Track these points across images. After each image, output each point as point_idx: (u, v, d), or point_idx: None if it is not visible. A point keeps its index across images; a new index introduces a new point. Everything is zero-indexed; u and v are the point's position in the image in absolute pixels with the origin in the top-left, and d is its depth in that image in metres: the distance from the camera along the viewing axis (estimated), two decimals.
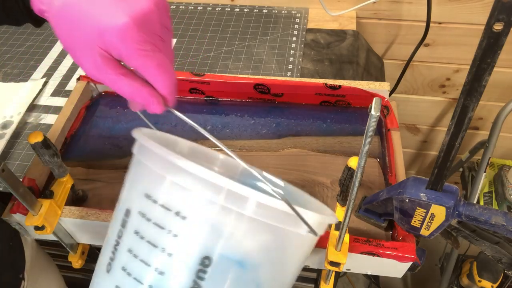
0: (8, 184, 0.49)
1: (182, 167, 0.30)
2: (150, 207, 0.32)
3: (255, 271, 0.32)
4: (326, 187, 0.65)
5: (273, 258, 0.33)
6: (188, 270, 0.31)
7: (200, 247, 0.31)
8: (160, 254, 0.31)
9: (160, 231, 0.31)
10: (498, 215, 0.47)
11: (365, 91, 0.72)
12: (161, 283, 0.31)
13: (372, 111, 0.33)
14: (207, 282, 0.31)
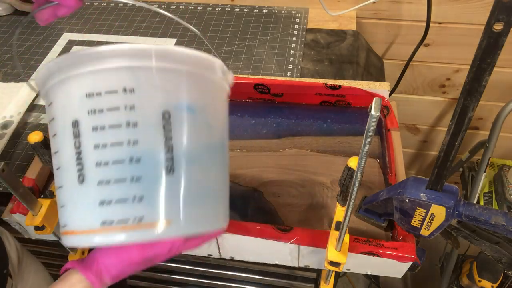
0: (8, 184, 0.49)
1: (103, 51, 0.35)
2: (97, 100, 0.35)
3: (203, 113, 0.39)
4: (326, 187, 0.65)
5: (209, 101, 0.40)
6: (156, 128, 0.35)
7: (157, 105, 0.35)
8: (125, 129, 0.35)
9: (117, 112, 0.35)
10: (498, 215, 0.47)
11: (365, 91, 0.72)
12: (138, 150, 0.35)
13: (372, 111, 0.33)
14: (174, 132, 0.36)
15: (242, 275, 0.78)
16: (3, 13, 1.06)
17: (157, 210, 0.35)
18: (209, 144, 0.40)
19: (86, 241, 0.37)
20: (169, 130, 0.36)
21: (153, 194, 0.35)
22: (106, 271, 0.41)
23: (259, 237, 0.56)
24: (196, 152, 0.38)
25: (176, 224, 0.36)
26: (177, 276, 0.84)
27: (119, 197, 0.35)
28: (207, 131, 0.39)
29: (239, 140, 0.72)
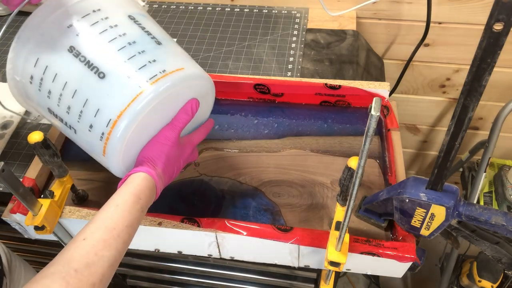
0: (8, 184, 0.49)
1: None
2: (81, 22, 0.49)
3: (146, 17, 0.54)
4: (326, 187, 0.65)
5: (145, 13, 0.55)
6: (130, 23, 0.51)
7: (122, 13, 0.51)
8: (111, 29, 0.49)
9: (98, 24, 0.49)
10: (498, 215, 0.47)
11: (365, 91, 0.72)
12: (130, 37, 0.49)
13: (372, 111, 0.33)
14: (143, 24, 0.52)
15: (242, 275, 0.78)
16: (3, 13, 1.06)
17: (171, 63, 0.49)
18: (164, 31, 0.55)
19: (145, 97, 0.47)
20: (139, 23, 0.51)
21: (160, 56, 0.49)
22: (152, 160, 0.50)
23: (259, 237, 0.56)
24: (162, 33, 0.53)
25: (188, 69, 0.51)
26: (177, 276, 0.84)
27: (140, 66, 0.48)
28: (156, 24, 0.55)
29: (240, 140, 0.72)
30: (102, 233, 0.42)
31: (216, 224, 0.57)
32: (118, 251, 0.43)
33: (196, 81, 0.53)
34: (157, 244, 0.63)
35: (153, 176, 0.48)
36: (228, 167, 0.68)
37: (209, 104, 0.60)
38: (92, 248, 0.41)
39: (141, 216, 0.47)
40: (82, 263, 0.39)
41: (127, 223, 0.44)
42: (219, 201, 0.65)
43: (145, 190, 0.47)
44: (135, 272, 0.85)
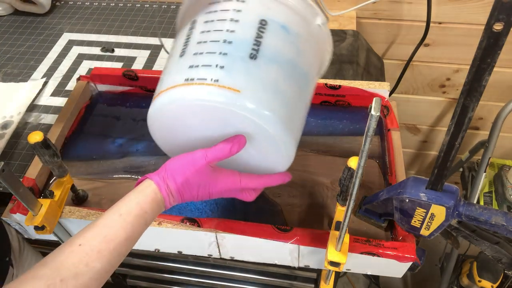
0: (8, 184, 0.49)
1: None
2: (215, 6, 0.48)
3: (296, 38, 0.49)
4: (326, 187, 0.65)
5: (303, 34, 0.50)
6: (252, 27, 0.47)
7: (258, 13, 0.48)
8: (229, 22, 0.47)
9: (225, 13, 0.48)
10: (498, 215, 0.47)
11: (365, 91, 0.72)
12: (232, 36, 0.46)
13: (372, 111, 0.33)
14: (266, 35, 0.47)
15: (242, 275, 0.78)
16: (3, 13, 1.06)
17: (232, 78, 0.44)
18: (294, 62, 0.49)
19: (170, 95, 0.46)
20: (262, 31, 0.47)
21: (233, 66, 0.45)
22: (171, 176, 0.47)
23: (259, 237, 0.56)
24: (279, 57, 0.47)
25: (243, 95, 0.44)
26: (177, 276, 0.84)
27: (205, 63, 0.45)
28: (294, 51, 0.49)
29: None
30: (99, 243, 0.41)
31: (216, 224, 0.57)
32: (111, 264, 0.42)
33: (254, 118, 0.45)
34: (157, 244, 0.63)
35: (161, 190, 0.46)
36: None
37: (282, 155, 0.51)
38: (85, 257, 0.40)
39: (144, 230, 0.46)
40: (70, 273, 0.38)
41: (127, 235, 0.43)
42: (219, 201, 0.65)
43: (152, 204, 0.46)
44: (135, 272, 0.85)
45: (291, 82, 0.48)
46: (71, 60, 0.92)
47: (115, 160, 0.70)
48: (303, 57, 0.50)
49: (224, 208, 0.64)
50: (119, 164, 0.69)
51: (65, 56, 0.93)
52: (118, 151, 0.71)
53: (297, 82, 0.49)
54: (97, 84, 0.79)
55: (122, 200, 0.45)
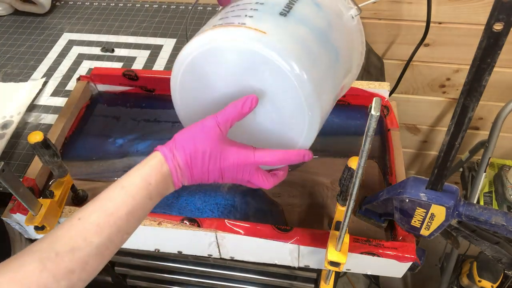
0: (8, 184, 0.49)
1: None
2: None
3: (328, 15, 0.49)
4: (326, 187, 0.65)
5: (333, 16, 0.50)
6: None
7: None
8: None
9: None
10: (498, 215, 0.47)
11: (365, 91, 0.72)
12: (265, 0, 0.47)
13: (372, 111, 0.33)
14: (298, 3, 0.47)
15: (242, 275, 0.78)
16: (3, 13, 1.06)
17: (259, 22, 0.44)
18: (325, 33, 0.48)
19: (193, 41, 0.46)
20: (294, 1, 0.47)
21: (261, 17, 0.45)
22: (179, 145, 0.44)
23: (259, 237, 0.56)
24: (309, 22, 0.47)
25: (270, 37, 0.43)
26: (177, 276, 0.84)
27: (235, 15, 0.46)
28: (325, 23, 0.49)
29: None
30: (98, 217, 0.39)
31: (216, 224, 0.57)
32: (111, 240, 0.39)
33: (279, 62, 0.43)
34: (157, 244, 0.63)
35: (167, 161, 0.43)
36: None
37: (304, 126, 0.47)
38: (82, 232, 0.38)
39: (148, 205, 0.42)
40: (67, 247, 0.37)
41: (128, 209, 0.40)
42: (219, 201, 0.65)
43: (157, 176, 0.42)
44: (135, 272, 0.85)
45: (321, 49, 0.47)
46: (71, 60, 0.92)
47: (115, 160, 0.70)
48: (334, 33, 0.49)
49: (224, 208, 0.64)
50: (119, 164, 0.69)
51: (65, 56, 0.93)
52: (118, 151, 0.71)
53: (327, 53, 0.47)
54: (97, 84, 0.79)
55: (126, 173, 0.43)
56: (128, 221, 0.40)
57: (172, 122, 0.75)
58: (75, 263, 0.37)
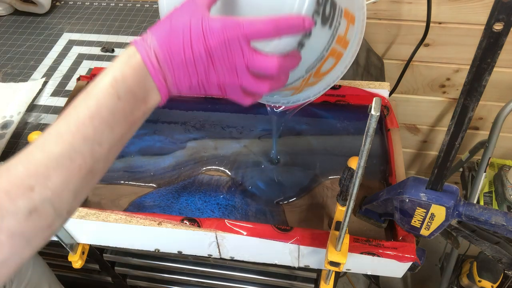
0: None
1: None
2: None
3: None
4: (326, 187, 0.65)
5: None
6: None
7: None
8: None
9: None
10: (498, 215, 0.47)
11: (365, 91, 0.72)
12: None
13: (372, 111, 0.33)
14: None
15: (242, 275, 0.78)
16: (3, 13, 1.06)
17: None
18: None
19: None
20: None
21: None
22: (154, 29, 0.36)
23: (259, 237, 0.56)
24: None
25: None
26: (177, 276, 0.84)
27: None
28: None
29: (240, 139, 0.72)
30: (59, 125, 0.34)
31: (216, 224, 0.57)
32: (76, 150, 0.33)
33: None
34: (157, 244, 0.63)
35: (138, 48, 0.35)
36: (227, 166, 0.68)
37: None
38: (42, 142, 0.33)
39: (118, 107, 0.34)
40: (21, 159, 0.33)
41: (91, 112, 0.33)
42: (219, 201, 0.65)
43: (124, 69, 0.35)
44: (135, 272, 0.85)
45: None
46: (71, 60, 0.92)
47: (115, 160, 0.70)
48: None
49: (225, 209, 0.64)
50: (119, 164, 0.69)
51: (65, 56, 0.93)
52: None
53: None
54: None
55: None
56: (94, 127, 0.33)
57: (172, 122, 0.75)
58: (33, 178, 0.31)
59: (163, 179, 0.67)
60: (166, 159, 0.69)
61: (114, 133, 0.35)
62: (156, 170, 0.68)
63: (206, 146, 0.72)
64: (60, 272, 0.94)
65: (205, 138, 0.72)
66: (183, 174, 0.68)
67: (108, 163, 0.37)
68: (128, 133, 0.37)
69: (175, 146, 0.71)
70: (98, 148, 0.34)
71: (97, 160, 0.35)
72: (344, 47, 0.50)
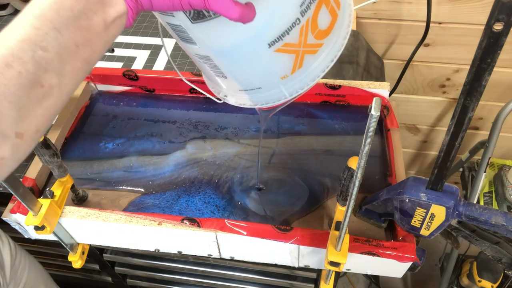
0: (8, 184, 0.49)
1: None
2: None
3: None
4: (326, 187, 0.65)
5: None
6: None
7: None
8: None
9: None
10: (498, 215, 0.47)
11: (365, 91, 0.72)
12: None
13: (372, 111, 0.33)
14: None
15: (242, 275, 0.78)
16: (3, 13, 1.06)
17: None
18: None
19: None
20: None
21: None
22: None
23: (259, 237, 0.56)
24: None
25: None
26: (177, 276, 0.84)
27: None
28: None
29: (240, 139, 0.72)
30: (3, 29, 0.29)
31: (216, 224, 0.57)
32: (12, 52, 0.28)
33: None
34: (157, 244, 0.63)
35: None
36: (227, 166, 0.68)
37: None
38: None
39: (62, 5, 0.30)
40: None
41: (32, 12, 0.29)
42: (218, 202, 0.65)
43: None
44: (135, 272, 0.85)
45: None
46: None
47: (115, 160, 0.70)
48: None
49: (225, 210, 0.64)
50: (119, 164, 0.69)
51: None
52: (118, 151, 0.71)
53: None
54: (97, 84, 0.79)
55: None
56: (35, 28, 0.29)
57: (172, 122, 0.75)
58: None
59: (163, 180, 0.67)
60: (166, 159, 0.69)
61: (63, 38, 0.30)
62: (156, 170, 0.68)
63: (206, 147, 0.72)
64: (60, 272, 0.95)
65: (205, 139, 0.72)
66: (183, 174, 0.68)
67: (66, 79, 0.31)
68: (87, 46, 0.31)
69: (175, 147, 0.71)
70: (42, 53, 0.29)
71: (43, 68, 0.29)
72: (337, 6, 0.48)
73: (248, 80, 0.45)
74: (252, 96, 0.48)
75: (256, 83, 0.45)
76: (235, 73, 0.45)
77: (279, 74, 0.43)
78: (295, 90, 0.45)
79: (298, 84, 0.45)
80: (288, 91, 0.45)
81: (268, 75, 0.44)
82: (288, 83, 0.45)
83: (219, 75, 0.46)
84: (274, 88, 0.45)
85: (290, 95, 0.46)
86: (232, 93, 0.50)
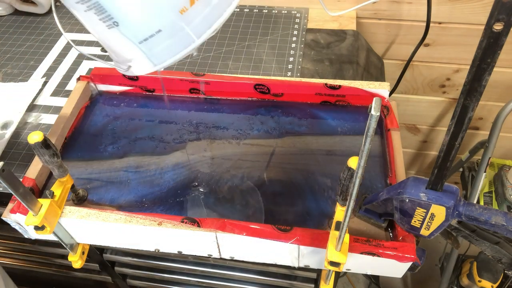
0: (8, 184, 0.49)
1: None
2: None
3: None
4: (326, 187, 0.65)
5: None
6: None
7: None
8: None
9: None
10: (498, 215, 0.47)
11: (365, 91, 0.72)
12: None
13: (372, 111, 0.33)
14: None
15: (242, 275, 0.78)
16: (3, 13, 1.06)
17: None
18: None
19: None
20: None
21: None
22: None
23: (259, 237, 0.56)
24: None
25: None
26: (177, 276, 0.84)
27: None
28: None
29: (240, 140, 0.72)
30: None
31: (216, 224, 0.57)
32: None
33: None
34: (157, 244, 0.63)
35: None
36: (227, 166, 0.68)
37: None
38: None
39: None
40: None
41: None
42: (218, 200, 0.65)
43: None
44: (135, 272, 0.85)
45: None
46: (71, 60, 0.92)
47: (115, 160, 0.70)
48: None
49: (224, 209, 0.64)
50: (119, 164, 0.69)
51: (65, 56, 0.93)
52: (118, 151, 0.71)
53: None
54: (97, 84, 0.79)
55: None
56: None
57: (172, 122, 0.75)
58: None
59: (163, 179, 0.67)
60: (166, 159, 0.69)
61: None
62: (156, 170, 0.68)
63: (206, 147, 0.72)
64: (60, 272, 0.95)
65: (205, 139, 0.72)
66: (183, 174, 0.68)
67: None
68: None
69: (175, 147, 0.71)
70: None
71: None
72: None
73: (144, 19, 0.39)
74: (156, 52, 0.41)
75: (153, 22, 0.39)
76: (125, 9, 0.38)
77: (176, 5, 0.37)
78: (202, 30, 0.39)
79: (205, 22, 0.38)
80: (194, 31, 0.38)
81: (164, 8, 0.37)
82: (192, 21, 0.38)
83: (110, 24, 0.40)
84: (176, 31, 0.38)
85: (198, 37, 0.39)
86: (133, 56, 0.43)
